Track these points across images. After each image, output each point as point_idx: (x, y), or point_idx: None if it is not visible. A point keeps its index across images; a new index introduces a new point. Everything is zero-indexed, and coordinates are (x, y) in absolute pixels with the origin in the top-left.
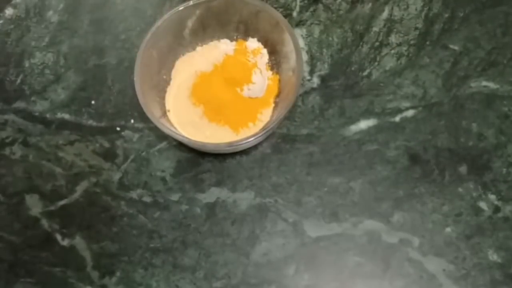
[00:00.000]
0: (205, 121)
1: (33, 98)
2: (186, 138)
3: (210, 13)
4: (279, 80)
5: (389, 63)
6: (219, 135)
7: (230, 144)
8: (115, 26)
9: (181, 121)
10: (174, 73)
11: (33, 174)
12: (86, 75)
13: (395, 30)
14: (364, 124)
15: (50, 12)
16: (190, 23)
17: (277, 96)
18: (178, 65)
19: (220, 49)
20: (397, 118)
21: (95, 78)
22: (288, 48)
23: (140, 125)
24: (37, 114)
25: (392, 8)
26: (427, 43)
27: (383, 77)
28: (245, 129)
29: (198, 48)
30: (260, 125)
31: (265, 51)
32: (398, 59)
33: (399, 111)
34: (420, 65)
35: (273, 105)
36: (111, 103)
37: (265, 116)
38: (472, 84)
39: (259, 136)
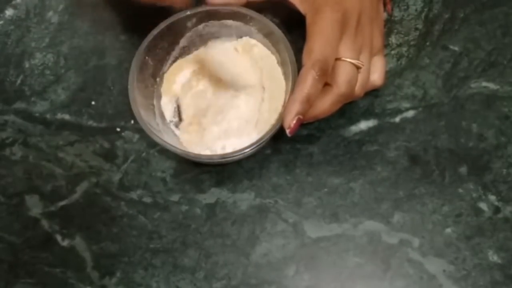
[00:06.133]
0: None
1: (33, 99)
2: (179, 149)
3: (207, 23)
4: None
5: (389, 63)
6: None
7: (223, 156)
8: (115, 27)
9: None
10: None
11: (33, 175)
12: (86, 75)
13: (395, 30)
14: (364, 124)
15: (50, 13)
16: (186, 32)
17: None
18: None
19: None
20: (397, 119)
21: (95, 79)
22: (284, 59)
23: (140, 126)
24: (37, 114)
25: (392, 9)
26: (427, 43)
27: None
28: None
29: None
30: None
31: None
32: (398, 59)
33: (399, 111)
34: (420, 66)
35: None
36: (111, 104)
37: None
38: (472, 85)
39: (252, 149)
